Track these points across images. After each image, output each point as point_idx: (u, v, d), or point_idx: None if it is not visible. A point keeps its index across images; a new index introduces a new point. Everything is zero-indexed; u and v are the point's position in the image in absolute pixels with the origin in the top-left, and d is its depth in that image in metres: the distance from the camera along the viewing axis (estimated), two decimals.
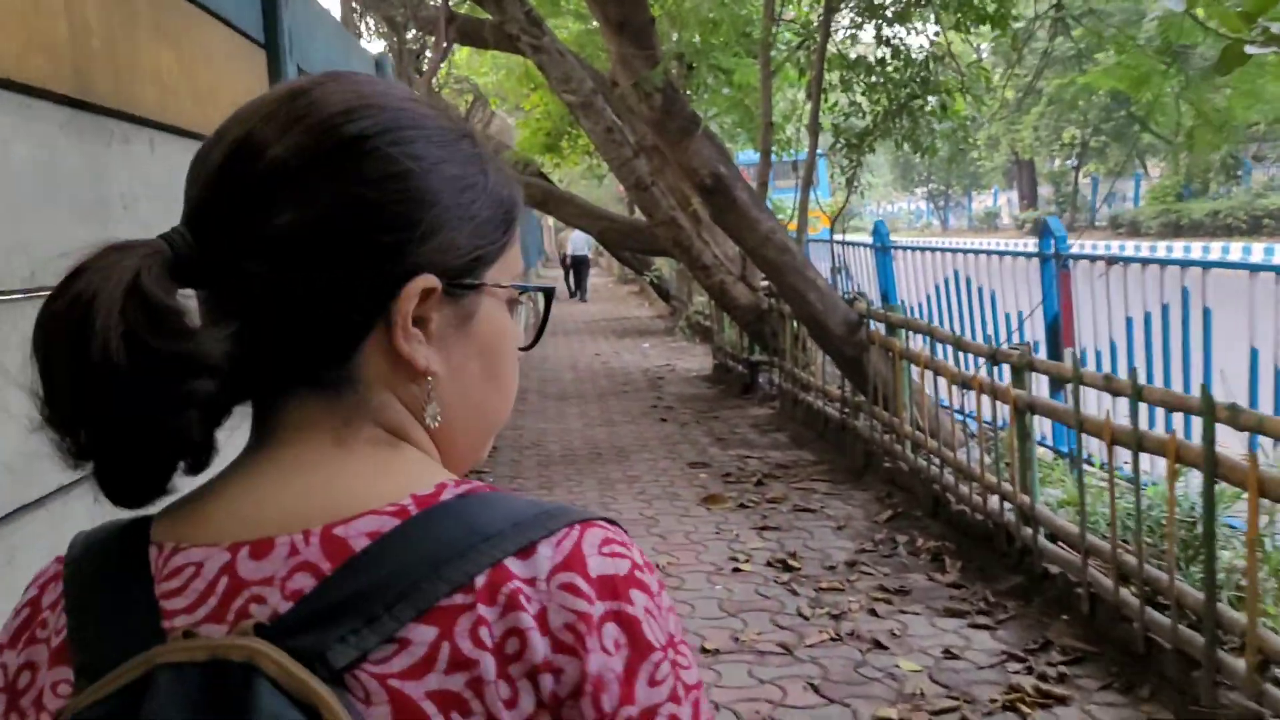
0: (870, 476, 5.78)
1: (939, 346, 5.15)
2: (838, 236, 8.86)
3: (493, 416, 0.70)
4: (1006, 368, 4.22)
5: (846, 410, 6.35)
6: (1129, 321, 4.89)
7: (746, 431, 7.42)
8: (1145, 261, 4.71)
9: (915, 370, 5.30)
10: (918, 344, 5.34)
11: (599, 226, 11.56)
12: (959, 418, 5.64)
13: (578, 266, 21.01)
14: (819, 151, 11.65)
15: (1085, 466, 4.01)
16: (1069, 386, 3.76)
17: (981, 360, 4.42)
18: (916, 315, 7.25)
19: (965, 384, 4.56)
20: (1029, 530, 4.02)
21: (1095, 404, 3.98)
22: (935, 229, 51.36)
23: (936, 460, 4.94)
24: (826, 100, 8.74)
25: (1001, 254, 6.01)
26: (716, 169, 6.01)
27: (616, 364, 11.55)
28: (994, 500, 4.34)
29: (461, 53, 19.49)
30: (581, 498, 5.68)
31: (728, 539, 4.85)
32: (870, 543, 4.72)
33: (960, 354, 4.71)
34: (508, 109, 19.36)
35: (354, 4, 9.96)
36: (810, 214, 8.77)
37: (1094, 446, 4.23)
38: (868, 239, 8.55)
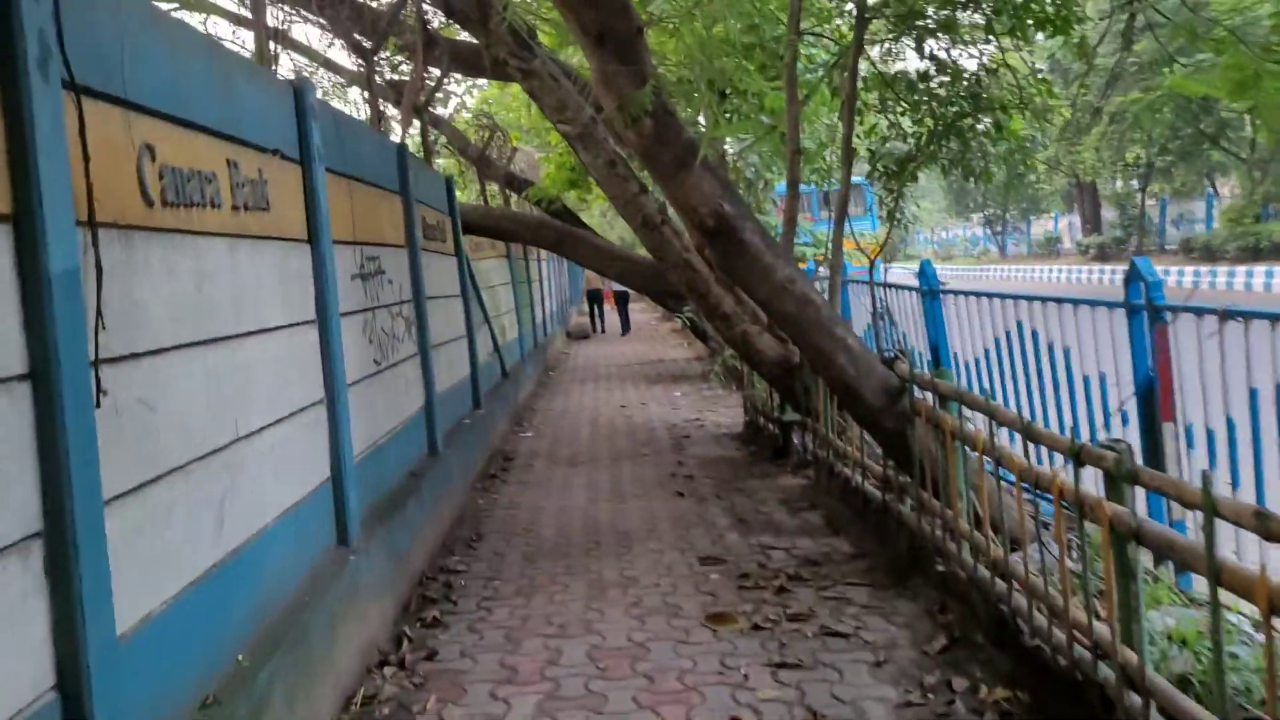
0: (918, 579, 4.66)
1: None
2: (880, 276, 7.79)
3: None
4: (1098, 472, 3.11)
5: (890, 493, 5.24)
6: (1253, 394, 3.75)
7: (774, 510, 6.33)
8: (1277, 318, 3.57)
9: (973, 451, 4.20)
10: (976, 421, 4.25)
11: (617, 269, 10.56)
12: (1028, 497, 4.52)
13: (605, 301, 20.17)
14: (867, 180, 10.57)
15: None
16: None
17: (1061, 458, 3.32)
18: (972, 372, 6.14)
19: (1039, 485, 3.45)
20: (1136, 699, 2.89)
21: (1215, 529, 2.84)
22: (993, 255, 49.83)
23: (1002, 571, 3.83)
24: (863, 123, 7.72)
25: (1077, 303, 4.87)
26: (719, 207, 4.97)
27: (641, 418, 10.50)
28: (1082, 637, 3.22)
29: (493, 87, 18.87)
30: (563, 611, 4.63)
31: (733, 682, 3.76)
32: (919, 689, 3.61)
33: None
34: (538, 144, 18.63)
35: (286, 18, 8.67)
36: (851, 246, 7.72)
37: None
38: (914, 276, 7.44)
